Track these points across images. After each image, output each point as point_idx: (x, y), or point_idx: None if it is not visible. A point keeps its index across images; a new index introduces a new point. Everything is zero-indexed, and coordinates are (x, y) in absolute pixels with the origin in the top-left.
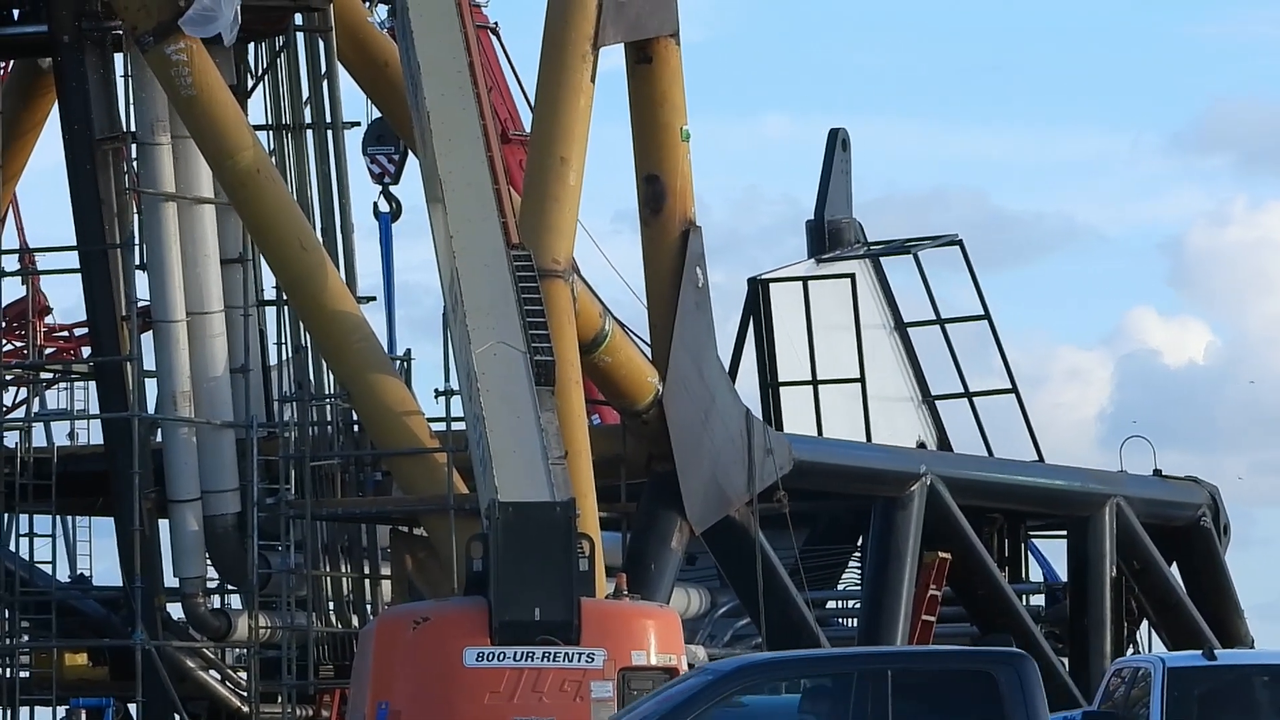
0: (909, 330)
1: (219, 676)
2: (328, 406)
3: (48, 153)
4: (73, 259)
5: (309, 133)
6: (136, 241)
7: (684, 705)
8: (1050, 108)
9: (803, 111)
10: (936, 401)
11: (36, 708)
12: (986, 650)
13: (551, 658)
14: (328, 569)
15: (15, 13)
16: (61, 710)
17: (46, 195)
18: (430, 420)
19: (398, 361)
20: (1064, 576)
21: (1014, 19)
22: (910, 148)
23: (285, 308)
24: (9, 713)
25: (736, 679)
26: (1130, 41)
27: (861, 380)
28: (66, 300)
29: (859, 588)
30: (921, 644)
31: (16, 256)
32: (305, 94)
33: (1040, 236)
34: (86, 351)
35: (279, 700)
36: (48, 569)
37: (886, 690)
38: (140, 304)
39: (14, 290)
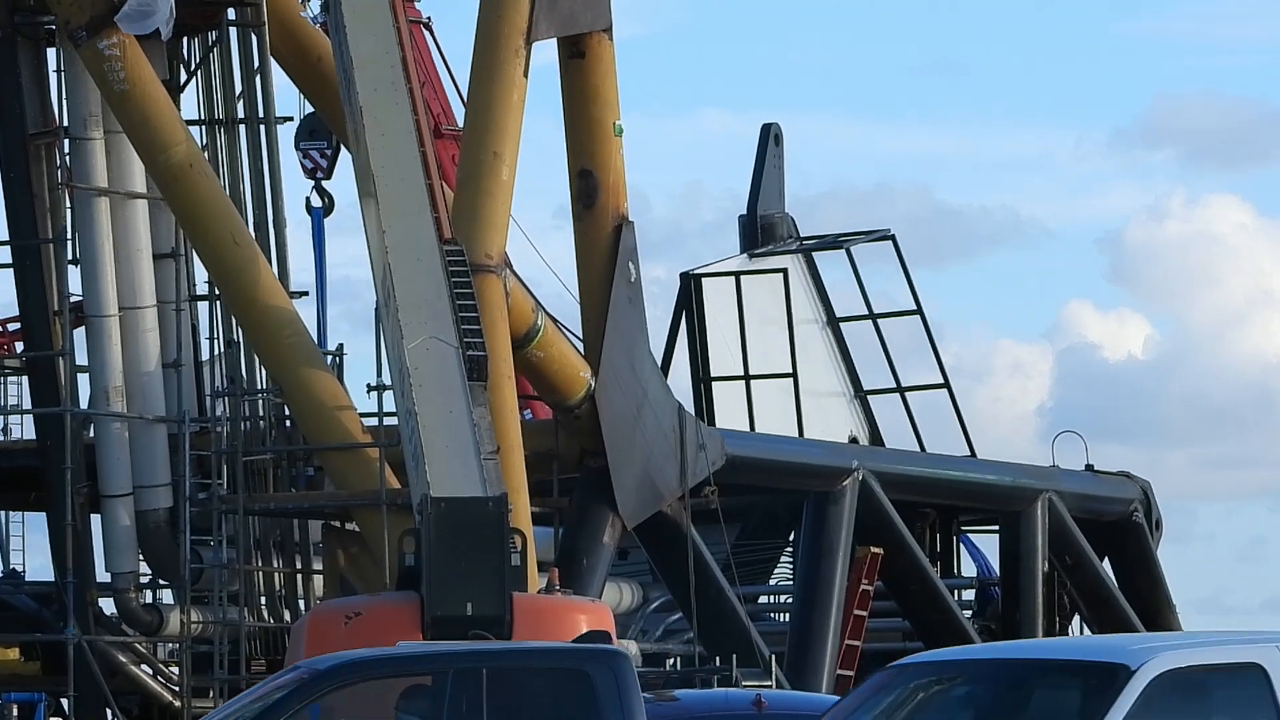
0: (841, 325)
1: (151, 671)
2: (260, 401)
3: None
4: (5, 254)
5: (242, 128)
6: (69, 236)
7: (278, 705)
8: (996, 104)
9: (742, 107)
10: (869, 396)
11: None
12: (582, 648)
13: None
14: (260, 564)
15: None
16: None
17: None
18: (363, 415)
19: (330, 356)
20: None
21: (961, 15)
22: (854, 143)
23: (218, 303)
24: None
25: (332, 677)
26: (1076, 37)
27: (794, 375)
28: (1, 295)
29: (791, 582)
30: (853, 639)
31: None
32: (238, 89)
33: (985, 231)
34: (20, 347)
35: (211, 695)
36: None
37: (481, 688)
38: (73, 299)
39: None
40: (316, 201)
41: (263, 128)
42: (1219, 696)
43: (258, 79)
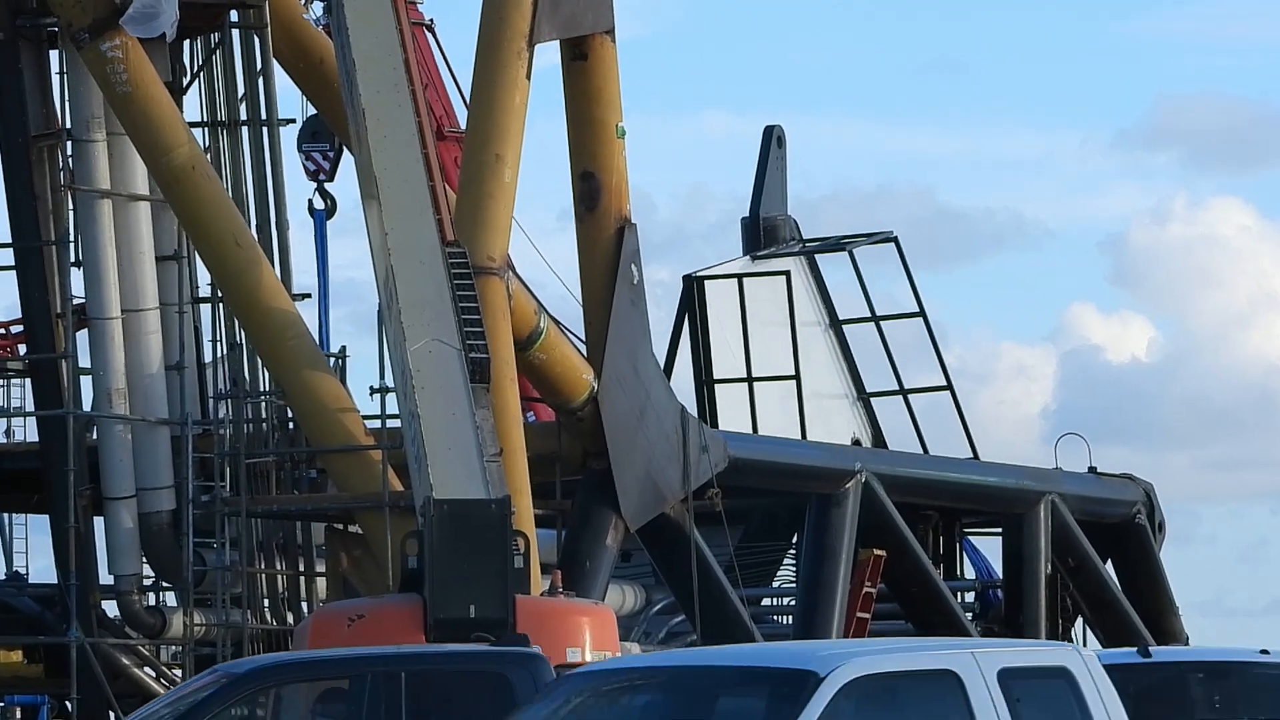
0: (844, 327)
1: (154, 674)
2: (263, 404)
3: None
4: (7, 256)
5: (244, 129)
6: (72, 238)
7: (196, 708)
8: (999, 104)
9: (745, 109)
10: (871, 399)
11: None
12: (500, 650)
13: None
14: (263, 566)
15: None
16: None
17: None
18: (365, 417)
19: (333, 358)
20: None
21: (964, 16)
22: (857, 145)
23: (220, 305)
24: None
25: (250, 681)
26: (1078, 37)
27: (796, 377)
28: (3, 297)
29: (794, 584)
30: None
31: None
32: (240, 91)
33: (988, 232)
34: (23, 349)
35: None
36: None
37: (400, 691)
38: (75, 301)
39: None
40: (319, 203)
41: (265, 129)
42: (912, 704)
43: (260, 81)
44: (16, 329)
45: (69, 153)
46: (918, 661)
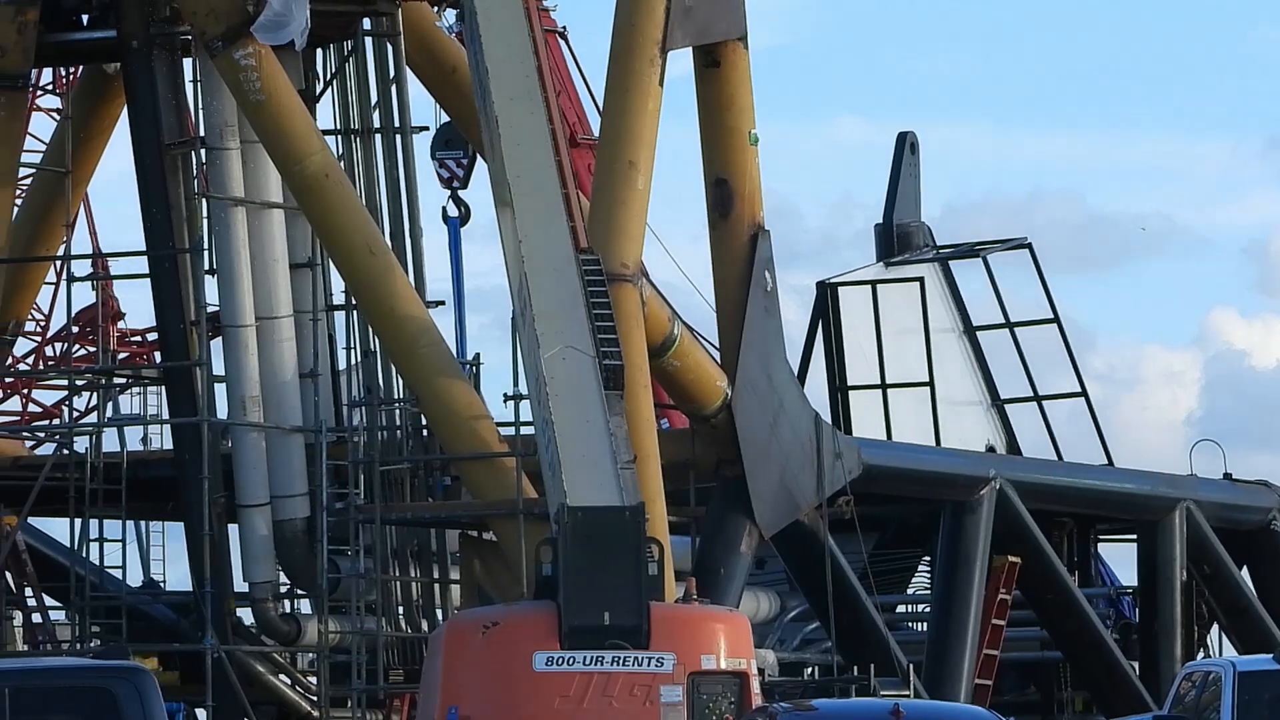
0: (978, 334)
1: (289, 681)
2: (397, 411)
3: (118, 158)
4: (142, 264)
5: (377, 137)
6: (206, 246)
7: None
8: (1150, 109)
9: (880, 116)
10: (1005, 405)
11: None
12: (102, 665)
13: (621, 662)
14: (397, 574)
15: (84, 18)
16: None
17: (118, 200)
18: (499, 425)
19: (467, 366)
20: (1126, 581)
21: (1118, 21)
22: (1004, 152)
23: (354, 312)
24: None
25: None
26: (1234, 45)
27: (930, 384)
28: (138, 306)
29: (928, 592)
30: (991, 648)
31: (89, 262)
32: (374, 99)
33: (1138, 237)
34: (158, 357)
35: (349, 705)
36: (118, 574)
37: (4, 708)
38: (210, 309)
39: (86, 296)
40: (453, 210)
41: (398, 137)
42: None
43: (393, 88)
44: (151, 337)
45: (203, 160)
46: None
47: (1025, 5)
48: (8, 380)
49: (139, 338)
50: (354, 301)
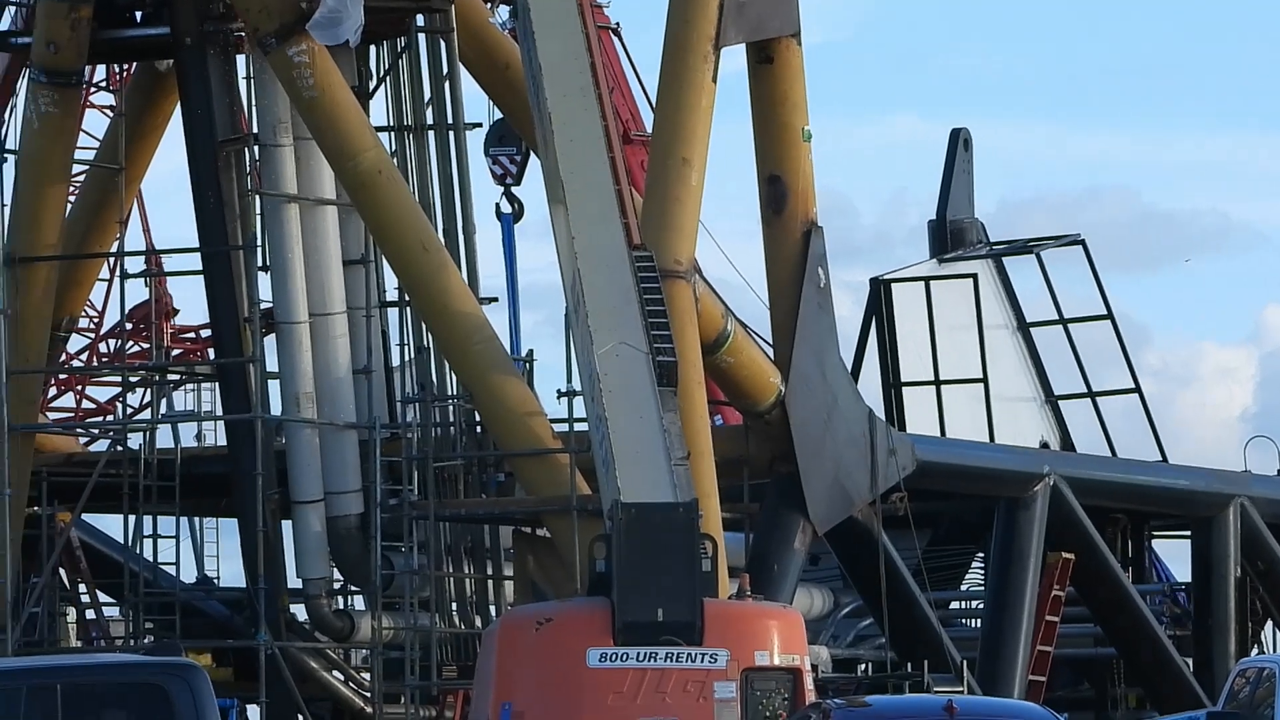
0: (1031, 330)
1: (342, 677)
2: (450, 407)
3: (171, 154)
4: (195, 261)
5: (431, 134)
6: (259, 243)
7: None
8: (1203, 105)
9: (934, 113)
10: (1059, 401)
11: None
12: (156, 661)
13: (675, 658)
14: (451, 570)
15: (138, 15)
16: None
17: (171, 197)
18: (553, 421)
19: (520, 362)
20: (1180, 577)
21: (1173, 17)
22: (1057, 148)
23: (407, 309)
24: None
25: None
26: None
27: (984, 380)
28: (192, 302)
29: (982, 588)
30: (1044, 645)
31: (143, 258)
32: (427, 95)
33: (1194, 234)
34: (211, 353)
35: (402, 701)
36: (171, 570)
37: (56, 704)
38: (263, 305)
39: (140, 292)
40: (506, 207)
41: (452, 134)
42: None
43: (446, 85)
44: (205, 333)
45: (256, 157)
46: None
47: (1081, 1)
48: (62, 377)
49: (192, 334)
50: (407, 298)
